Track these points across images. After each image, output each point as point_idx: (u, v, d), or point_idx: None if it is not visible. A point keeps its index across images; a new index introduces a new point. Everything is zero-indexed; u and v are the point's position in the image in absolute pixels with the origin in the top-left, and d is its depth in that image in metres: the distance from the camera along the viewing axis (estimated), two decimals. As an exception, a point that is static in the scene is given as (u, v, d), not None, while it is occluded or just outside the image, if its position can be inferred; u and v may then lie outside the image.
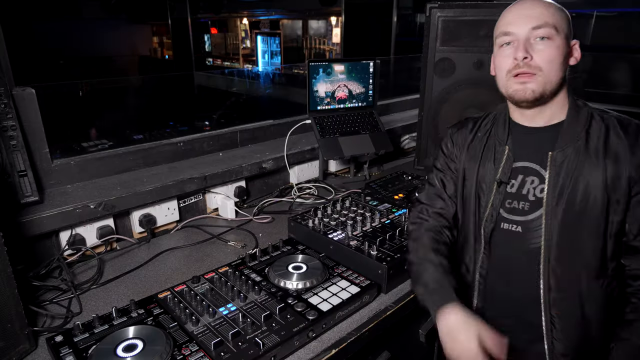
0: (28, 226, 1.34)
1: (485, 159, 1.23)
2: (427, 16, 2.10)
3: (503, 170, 1.19)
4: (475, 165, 1.24)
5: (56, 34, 6.78)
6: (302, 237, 1.55)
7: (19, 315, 1.03)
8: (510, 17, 1.13)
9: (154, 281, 1.39)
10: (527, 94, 1.10)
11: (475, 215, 1.23)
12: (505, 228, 1.19)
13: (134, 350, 0.99)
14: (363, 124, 2.18)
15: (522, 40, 1.09)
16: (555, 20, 1.08)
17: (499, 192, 1.18)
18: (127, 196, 1.54)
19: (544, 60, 1.08)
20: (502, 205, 1.19)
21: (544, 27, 1.07)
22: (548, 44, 1.08)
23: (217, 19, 9.83)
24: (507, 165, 1.18)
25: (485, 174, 1.22)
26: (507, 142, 1.20)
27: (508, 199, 1.19)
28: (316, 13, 7.97)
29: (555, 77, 1.10)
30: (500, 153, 1.20)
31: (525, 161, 1.18)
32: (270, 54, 9.08)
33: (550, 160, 1.12)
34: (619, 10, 4.70)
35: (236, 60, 9.71)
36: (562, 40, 1.09)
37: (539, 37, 1.08)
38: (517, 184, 1.18)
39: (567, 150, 1.10)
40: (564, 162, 1.10)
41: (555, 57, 1.08)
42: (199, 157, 1.95)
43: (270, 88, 6.58)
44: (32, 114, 1.44)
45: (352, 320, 1.20)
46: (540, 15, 1.08)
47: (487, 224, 1.20)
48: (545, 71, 1.08)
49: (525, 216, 1.16)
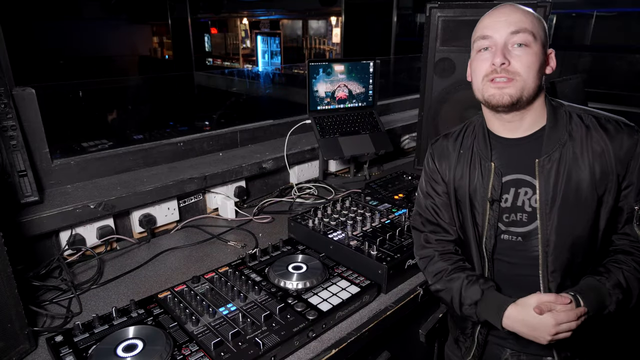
0: (28, 226, 1.34)
1: (473, 176, 1.19)
2: (427, 16, 2.10)
3: (493, 187, 1.16)
4: (465, 184, 1.21)
5: (56, 34, 6.77)
6: (302, 237, 1.55)
7: (19, 315, 1.03)
8: (488, 22, 1.12)
9: (154, 281, 1.39)
10: (504, 99, 1.08)
11: (475, 233, 1.20)
12: (506, 239, 1.18)
13: (134, 350, 0.99)
14: (363, 124, 2.18)
15: (500, 46, 1.08)
16: (533, 27, 1.08)
17: (492, 210, 1.16)
18: (127, 196, 1.54)
19: (522, 66, 1.07)
20: (500, 220, 1.17)
21: (522, 33, 1.07)
22: (526, 51, 1.07)
23: (217, 19, 9.82)
24: (496, 182, 1.15)
25: (475, 192, 1.19)
26: (491, 158, 1.17)
27: (505, 214, 1.17)
28: (316, 13, 7.97)
29: (532, 84, 1.09)
30: (487, 169, 1.17)
31: (514, 174, 1.16)
32: (270, 54, 9.08)
33: (538, 168, 1.11)
34: (619, 10, 4.70)
35: (236, 60, 9.71)
36: (540, 48, 1.09)
37: (517, 44, 1.07)
38: (511, 198, 1.16)
39: (554, 155, 1.10)
40: (552, 167, 1.10)
41: (532, 63, 1.08)
42: (199, 157, 1.95)
43: (270, 88, 6.58)
44: (32, 114, 1.44)
45: (352, 320, 1.20)
46: (518, 21, 1.08)
47: (487, 242, 1.18)
48: (523, 76, 1.07)
49: (524, 227, 1.15)
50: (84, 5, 7.23)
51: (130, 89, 5.48)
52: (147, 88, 5.46)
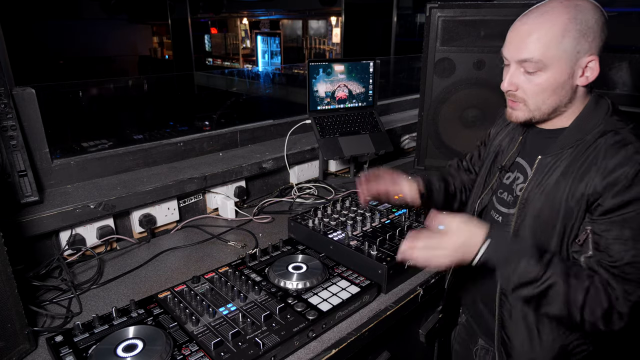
0: (28, 226, 1.34)
1: (507, 146, 1.28)
2: (427, 16, 2.10)
3: (509, 159, 1.24)
4: (498, 142, 1.32)
5: (56, 34, 6.78)
6: (302, 237, 1.55)
7: (19, 315, 1.03)
8: (508, 37, 1.09)
9: (154, 281, 1.39)
10: (512, 118, 1.15)
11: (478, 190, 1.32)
12: (491, 215, 1.26)
13: (134, 350, 0.99)
14: (363, 124, 2.18)
15: (511, 69, 1.07)
16: (546, 52, 1.00)
17: (499, 177, 1.25)
18: (127, 196, 1.54)
19: (530, 93, 1.06)
20: (496, 192, 1.26)
21: (529, 62, 1.02)
22: (535, 77, 1.04)
23: (217, 19, 9.82)
24: (512, 157, 1.23)
25: (501, 155, 1.29)
26: (523, 133, 1.23)
27: (500, 189, 1.24)
28: (316, 13, 7.97)
29: (545, 106, 1.06)
30: (514, 144, 1.25)
31: (523, 158, 1.21)
32: (270, 54, 9.08)
33: (537, 164, 1.12)
34: (619, 10, 4.70)
35: (236, 60, 9.71)
36: (555, 70, 1.01)
37: (527, 70, 1.04)
38: (512, 177, 1.22)
39: (557, 157, 1.07)
40: (548, 169, 1.08)
41: (542, 89, 1.04)
42: (199, 157, 1.95)
43: (270, 88, 6.58)
44: (32, 114, 1.44)
45: (352, 320, 1.20)
46: (526, 48, 1.02)
47: (481, 202, 1.29)
48: (530, 102, 1.07)
49: (507, 209, 1.20)
50: (84, 5, 7.23)
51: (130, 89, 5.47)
52: (147, 88, 5.46)
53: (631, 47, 4.10)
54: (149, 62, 8.67)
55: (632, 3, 4.51)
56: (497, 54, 2.08)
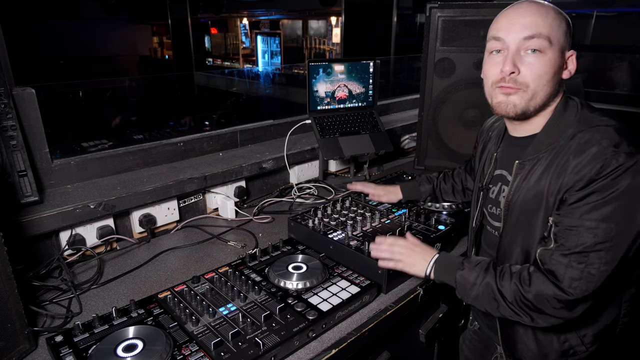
0: (28, 226, 1.34)
1: (484, 163, 1.31)
2: (427, 16, 2.10)
3: (488, 175, 1.26)
4: (480, 165, 1.34)
5: (56, 34, 6.77)
6: (302, 237, 1.55)
7: (19, 315, 1.03)
8: (502, 23, 1.08)
9: (154, 281, 1.39)
10: (508, 109, 1.09)
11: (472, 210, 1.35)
12: (489, 230, 1.28)
13: (134, 350, 0.99)
14: (363, 124, 2.18)
15: (511, 51, 1.05)
16: (551, 31, 1.02)
17: (480, 196, 1.28)
18: (127, 196, 1.54)
19: (532, 76, 1.04)
20: (486, 208, 1.28)
21: (536, 38, 1.02)
22: (539, 57, 1.03)
23: (217, 19, 9.82)
24: (491, 171, 1.25)
25: (482, 174, 1.31)
26: (497, 149, 1.25)
27: (489, 204, 1.27)
28: (316, 13, 7.97)
29: (541, 93, 1.06)
30: (490, 159, 1.28)
31: (502, 169, 1.22)
32: (270, 54, 9.08)
33: (516, 168, 1.13)
34: (619, 10, 4.70)
35: (236, 60, 9.71)
36: (556, 53, 1.04)
37: (531, 49, 1.03)
38: (496, 191, 1.23)
39: (534, 161, 1.09)
40: (527, 171, 1.09)
41: (544, 72, 1.04)
42: (199, 157, 1.95)
43: (270, 88, 6.57)
44: (32, 114, 1.44)
45: (352, 320, 1.20)
46: (534, 25, 1.02)
47: (475, 222, 1.31)
48: (531, 87, 1.05)
49: (499, 222, 1.20)
50: (84, 5, 7.23)
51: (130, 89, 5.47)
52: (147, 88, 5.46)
53: (631, 47, 4.10)
54: (149, 62, 8.67)
55: (632, 3, 4.51)
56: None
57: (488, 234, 1.29)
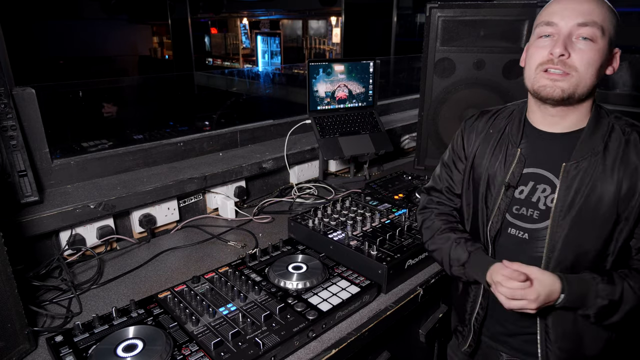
0: (28, 226, 1.34)
1: (495, 158, 1.18)
2: (427, 16, 2.10)
3: (513, 173, 1.14)
4: (485, 163, 1.20)
5: (56, 34, 6.77)
6: (302, 237, 1.55)
7: (19, 315, 1.03)
8: (556, 7, 1.04)
9: (154, 281, 1.39)
10: (555, 92, 1.03)
11: (483, 215, 1.20)
12: (511, 233, 1.16)
13: (134, 350, 0.99)
14: (363, 124, 2.18)
15: (563, 35, 1.01)
16: (604, 21, 1.00)
17: (506, 195, 1.14)
18: (127, 196, 1.54)
19: (582, 62, 1.00)
20: (509, 211, 1.15)
21: (590, 26, 0.99)
22: (590, 46, 1.00)
23: (217, 19, 9.83)
24: (517, 169, 1.14)
25: (494, 174, 1.18)
26: (519, 144, 1.15)
27: (516, 205, 1.15)
28: (316, 13, 7.97)
29: (589, 81, 1.02)
30: (512, 155, 1.15)
31: (537, 168, 1.13)
32: (270, 54, 9.08)
33: (563, 172, 1.07)
34: (619, 10, 4.70)
35: (236, 60, 9.71)
36: (606, 45, 1.01)
37: (582, 37, 1.00)
38: (527, 191, 1.13)
39: (582, 164, 1.05)
40: (577, 175, 1.05)
41: (594, 61, 1.00)
42: (199, 157, 1.95)
43: (270, 88, 6.58)
44: (32, 114, 1.44)
45: (352, 320, 1.20)
46: (589, 12, 1.00)
47: (492, 227, 1.17)
48: (580, 72, 1.01)
49: (534, 224, 1.12)
50: (84, 5, 7.23)
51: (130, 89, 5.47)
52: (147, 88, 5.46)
53: (631, 47, 4.10)
54: (149, 62, 8.67)
55: (632, 3, 4.51)
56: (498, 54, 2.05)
57: (510, 238, 1.17)
